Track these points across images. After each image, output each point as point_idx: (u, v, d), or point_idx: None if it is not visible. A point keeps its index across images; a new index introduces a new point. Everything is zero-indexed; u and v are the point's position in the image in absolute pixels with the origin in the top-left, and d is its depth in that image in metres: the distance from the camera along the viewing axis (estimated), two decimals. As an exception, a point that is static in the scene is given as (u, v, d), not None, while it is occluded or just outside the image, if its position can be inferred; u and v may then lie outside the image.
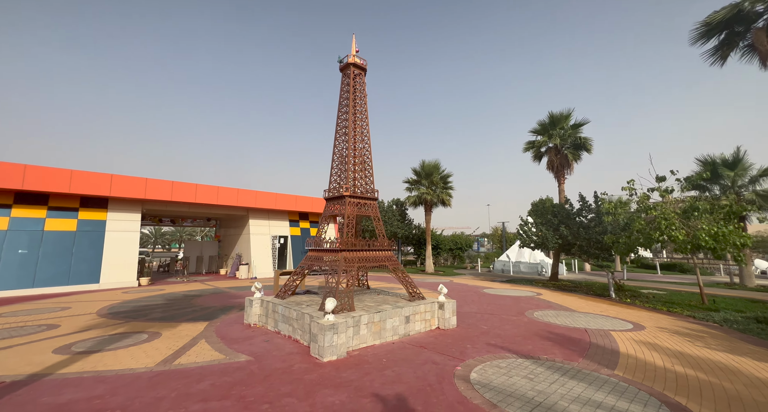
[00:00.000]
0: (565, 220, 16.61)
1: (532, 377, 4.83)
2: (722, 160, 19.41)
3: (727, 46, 12.08)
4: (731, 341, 7.03)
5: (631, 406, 3.99)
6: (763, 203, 18.16)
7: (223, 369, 5.17)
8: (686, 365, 5.45)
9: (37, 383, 4.70)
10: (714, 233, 10.96)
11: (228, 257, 24.46)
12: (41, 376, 4.93)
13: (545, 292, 14.56)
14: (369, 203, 8.42)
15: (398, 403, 4.05)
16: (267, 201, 21.56)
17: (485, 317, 8.96)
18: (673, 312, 10.29)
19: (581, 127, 19.52)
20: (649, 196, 13.20)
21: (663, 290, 15.76)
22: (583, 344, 6.57)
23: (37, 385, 4.62)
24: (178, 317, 9.09)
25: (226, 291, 14.11)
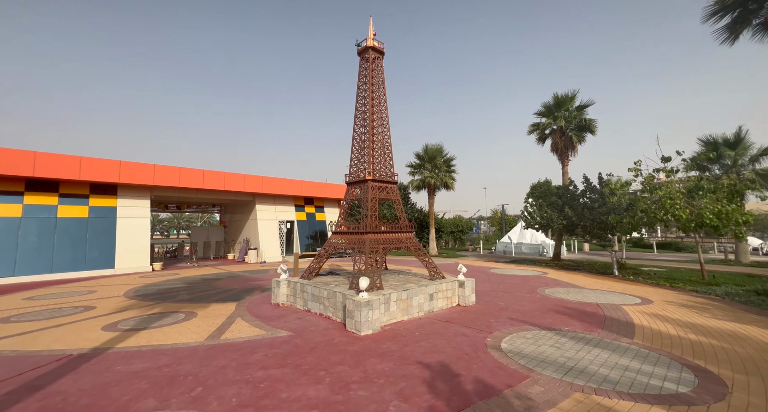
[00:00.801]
0: (569, 201, 16.96)
1: (559, 346, 5.23)
2: (724, 140, 19.66)
3: (740, 23, 12.06)
4: (735, 312, 7.50)
5: (655, 369, 4.39)
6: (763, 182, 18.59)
7: (269, 343, 5.53)
8: (698, 334, 5.89)
9: (103, 355, 5.03)
10: (717, 212, 11.34)
11: (235, 242, 24.75)
12: (103, 349, 5.26)
13: (550, 271, 15.07)
14: (390, 187, 8.64)
15: (442, 369, 4.43)
16: (273, 186, 21.64)
17: (500, 295, 9.39)
18: (676, 287, 10.79)
19: (586, 108, 19.57)
20: (654, 176, 13.52)
21: (662, 267, 16.34)
22: (599, 317, 7.00)
23: (103, 357, 4.95)
24: (205, 298, 9.43)
25: (241, 275, 14.46)
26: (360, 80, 8.92)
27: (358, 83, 8.95)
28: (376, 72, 8.80)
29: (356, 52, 9.09)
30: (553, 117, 19.74)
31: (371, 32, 8.94)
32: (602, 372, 4.26)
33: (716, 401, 3.58)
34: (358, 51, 9.03)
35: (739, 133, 19.38)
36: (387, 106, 8.88)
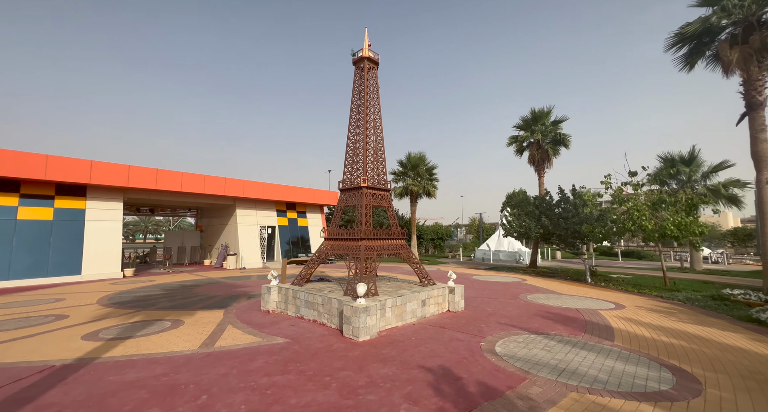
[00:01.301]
0: (546, 211, 17.83)
1: (549, 349, 5.54)
2: (680, 158, 21.40)
3: (696, 54, 13.35)
4: (697, 316, 8.21)
5: (637, 369, 4.77)
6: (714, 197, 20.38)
7: (267, 350, 5.46)
8: (669, 336, 6.41)
9: (90, 365, 4.77)
10: (678, 223, 12.38)
11: (212, 247, 23.90)
12: (89, 359, 4.99)
13: (528, 278, 15.71)
14: (383, 194, 8.79)
15: (444, 372, 4.58)
16: (254, 191, 21.20)
17: (486, 301, 9.72)
18: (643, 293, 11.59)
19: (561, 123, 20.75)
20: (623, 189, 14.58)
21: (628, 274, 17.46)
22: (580, 321, 7.44)
23: (91, 367, 4.70)
24: (189, 305, 9.09)
25: (222, 281, 14.02)
26: (354, 89, 9.09)
27: (352, 92, 9.12)
28: (370, 81, 9.01)
29: (351, 61, 9.27)
30: (530, 131, 20.78)
31: (366, 43, 9.16)
32: (592, 373, 4.58)
33: (694, 397, 3.96)
34: (353, 60, 9.21)
35: (692, 152, 21.18)
36: (381, 115, 9.09)
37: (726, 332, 6.79)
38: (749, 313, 8.33)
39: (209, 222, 25.09)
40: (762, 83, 11.63)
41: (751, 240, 39.78)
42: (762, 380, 4.47)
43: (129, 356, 5.16)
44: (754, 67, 11.62)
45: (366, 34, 9.17)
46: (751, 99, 11.75)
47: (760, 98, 11.60)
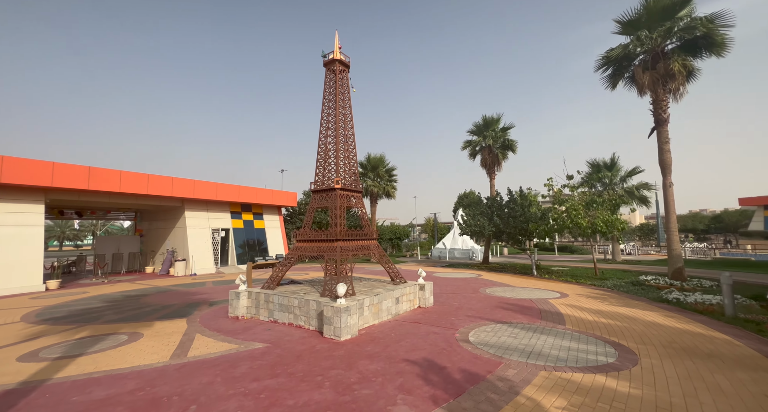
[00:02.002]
0: (497, 211, 19.29)
1: (515, 336, 6.17)
2: (604, 164, 24.56)
3: (617, 76, 15.51)
4: (623, 299, 9.62)
5: (588, 346, 5.55)
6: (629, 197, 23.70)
7: (248, 355, 5.32)
8: (606, 318, 7.48)
9: (42, 388, 4.25)
10: (606, 220, 14.29)
11: (155, 253, 21.85)
12: (38, 382, 4.44)
13: (483, 273, 16.89)
14: (355, 195, 8.93)
15: (428, 363, 4.90)
16: (206, 191, 19.86)
17: (451, 296, 10.33)
18: (579, 282, 13.17)
19: (509, 130, 22.60)
20: (562, 191, 16.42)
21: (565, 266, 19.59)
22: (535, 310, 8.31)
23: (44, 389, 4.20)
24: (142, 316, 8.35)
25: (173, 289, 12.98)
26: (326, 91, 9.10)
27: (323, 94, 9.12)
28: (341, 83, 9.09)
29: (322, 63, 9.26)
30: (482, 136, 22.31)
31: (337, 45, 9.23)
32: (554, 353, 5.24)
33: (633, 366, 4.75)
34: (324, 62, 9.21)
35: (613, 159, 24.42)
36: (352, 117, 9.22)
37: (646, 311, 8.10)
38: (660, 294, 9.99)
39: (151, 225, 22.88)
40: (666, 103, 13.88)
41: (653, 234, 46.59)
42: (677, 348, 5.49)
43: (88, 374, 4.69)
44: (660, 90, 13.82)
45: (336, 37, 9.24)
46: (658, 116, 13.98)
47: (665, 116, 13.85)
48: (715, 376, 4.40)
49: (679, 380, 4.28)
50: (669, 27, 13.29)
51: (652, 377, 4.39)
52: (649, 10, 13.58)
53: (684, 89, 13.59)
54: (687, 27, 13.10)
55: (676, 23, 13.26)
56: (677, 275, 12.53)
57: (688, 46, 13.38)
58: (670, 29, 13.31)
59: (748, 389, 4.01)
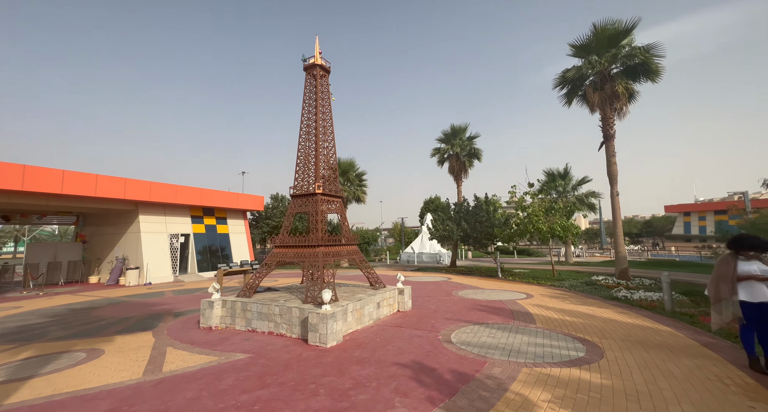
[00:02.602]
0: (465, 216, 20.11)
1: (493, 336, 6.51)
2: (558, 173, 26.65)
3: (572, 94, 17.01)
4: (581, 298, 10.50)
5: (559, 343, 6.02)
6: (580, 205, 25.88)
7: (231, 367, 5.08)
8: (569, 316, 8.13)
9: None
10: (563, 225, 15.51)
11: (101, 261, 19.89)
12: (-7, 411, 3.90)
13: (452, 276, 17.48)
14: (335, 200, 8.90)
15: (418, 366, 5.03)
16: (164, 194, 18.53)
17: (426, 299, 10.60)
18: (540, 284, 14.11)
19: (475, 139, 23.73)
20: (524, 198, 17.58)
21: (525, 268, 20.85)
22: (507, 311, 8.81)
23: None
24: (97, 331, 7.60)
25: (127, 301, 11.94)
26: (306, 95, 9.02)
27: (303, 98, 9.03)
28: (322, 88, 9.08)
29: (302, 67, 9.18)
30: (450, 144, 23.20)
31: (317, 50, 9.22)
32: (531, 350, 5.62)
33: (600, 358, 5.25)
34: (304, 66, 9.14)
35: (566, 169, 26.57)
36: (332, 122, 9.22)
37: (602, 308, 8.93)
38: (611, 293, 11.03)
39: (97, 231, 20.82)
40: (613, 121, 15.45)
41: (597, 237, 51.08)
42: (633, 340, 6.14)
43: (47, 397, 4.21)
44: (608, 108, 15.36)
45: (317, 42, 9.22)
46: (606, 132, 15.51)
47: (612, 132, 15.41)
48: (667, 364, 5.01)
49: (639, 370, 4.81)
50: (614, 53, 14.86)
51: (618, 367, 4.88)
52: (598, 37, 15.10)
53: (627, 109, 15.24)
54: (628, 54, 14.73)
55: (620, 51, 14.87)
56: (623, 275, 13.91)
57: (629, 71, 15.03)
58: (615, 55, 14.88)
59: (695, 374, 4.61)
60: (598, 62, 15.09)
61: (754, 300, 4.71)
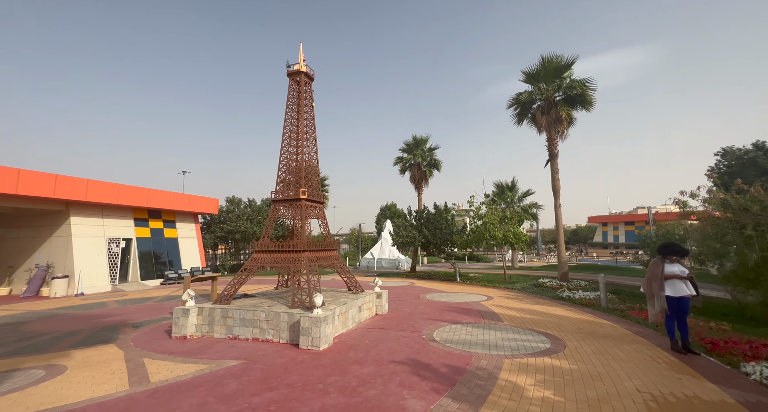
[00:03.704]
0: (426, 223, 21.10)
1: (470, 333, 7.14)
2: (506, 185, 29.19)
3: (523, 115, 19.03)
4: (534, 299, 11.77)
5: (528, 337, 6.83)
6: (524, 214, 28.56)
7: (227, 373, 4.97)
8: (528, 314, 9.15)
9: None
10: (515, 233, 17.13)
11: (14, 269, 17.08)
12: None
13: (415, 281, 18.18)
14: (317, 206, 8.99)
15: (413, 362, 5.41)
16: (104, 193, 16.66)
17: (399, 303, 11.03)
18: (496, 286, 15.39)
19: (435, 150, 25.08)
20: (481, 208, 19.04)
21: (479, 273, 22.42)
22: (475, 311, 9.59)
23: None
24: (44, 347, 6.73)
25: (62, 313, 10.59)
26: (289, 100, 9.05)
27: (287, 103, 9.05)
28: (306, 95, 9.18)
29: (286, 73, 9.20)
30: (413, 154, 24.24)
31: (301, 57, 9.32)
32: (507, 344, 6.32)
33: (563, 349, 6.11)
34: (288, 72, 9.17)
35: (513, 181, 29.20)
36: (315, 129, 9.34)
37: (552, 307, 10.16)
38: (556, 293, 12.52)
39: (7, 234, 17.88)
40: (556, 142, 17.57)
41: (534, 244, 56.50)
42: (584, 332, 7.20)
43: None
44: (553, 131, 17.45)
45: (301, 49, 9.33)
46: (551, 151, 17.57)
47: (556, 151, 17.50)
48: (614, 350, 6.02)
49: (595, 355, 5.73)
50: (558, 83, 17.01)
51: (579, 355, 5.76)
52: (545, 68, 17.18)
53: (567, 132, 17.46)
54: (569, 86, 16.96)
55: (563, 81, 17.06)
56: (564, 278, 15.77)
57: (569, 100, 17.28)
58: (559, 85, 17.04)
59: (635, 356, 5.64)
60: (546, 89, 17.12)
61: (676, 295, 5.92)
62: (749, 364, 5.01)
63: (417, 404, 3.96)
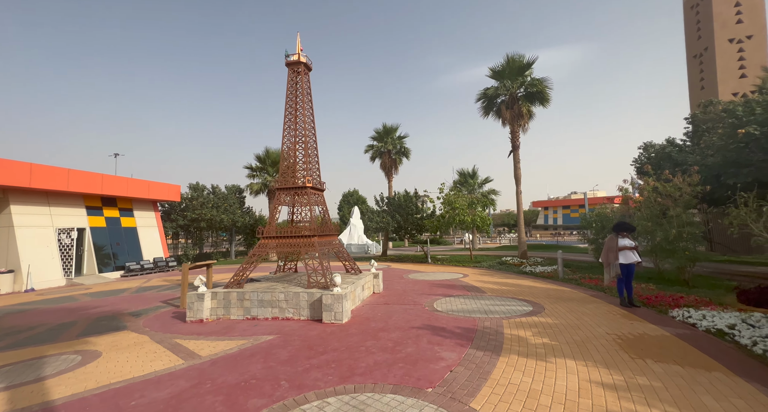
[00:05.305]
0: (398, 209, 22.11)
1: (465, 303, 8.27)
2: (468, 173, 31.25)
3: (489, 108, 20.58)
4: (503, 274, 13.41)
5: (512, 303, 8.14)
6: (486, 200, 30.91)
7: (271, 345, 5.45)
8: (505, 286, 10.59)
9: (64, 405, 3.50)
10: (481, 217, 18.85)
11: (-59, 263, 14.88)
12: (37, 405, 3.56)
13: (391, 264, 19.22)
14: (319, 194, 9.38)
15: (430, 327, 6.33)
16: (51, 179, 15.05)
17: (388, 282, 11.91)
18: (465, 266, 16.96)
19: (404, 139, 25.96)
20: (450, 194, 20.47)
21: (446, 255, 24.17)
22: (459, 286, 10.82)
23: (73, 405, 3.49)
24: (52, 338, 6.51)
25: (29, 309, 9.88)
26: (289, 90, 9.18)
27: (286, 93, 9.17)
28: (305, 85, 9.35)
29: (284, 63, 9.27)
30: (383, 142, 24.87)
31: (299, 47, 9.42)
32: (498, 309, 7.54)
33: (544, 310, 7.46)
34: (286, 62, 9.24)
35: (474, 169, 31.33)
36: (314, 117, 9.60)
37: (520, 280, 11.79)
38: (520, 269, 14.35)
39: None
40: (518, 135, 19.41)
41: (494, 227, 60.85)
42: (554, 297, 8.71)
43: (85, 393, 3.99)
44: (516, 124, 19.22)
45: (298, 39, 9.41)
46: (513, 143, 19.38)
47: (518, 143, 19.33)
48: (581, 308, 7.52)
49: (568, 313, 7.14)
50: (521, 81, 18.66)
51: (556, 313, 7.13)
52: (510, 66, 18.69)
53: (528, 126, 19.34)
54: (530, 83, 18.71)
55: (525, 79, 18.75)
56: (524, 255, 17.89)
57: (530, 96, 19.07)
58: (522, 82, 18.70)
59: (597, 311, 7.15)
60: (511, 86, 18.69)
61: (626, 262, 7.53)
62: (674, 310, 6.72)
63: (451, 355, 4.88)
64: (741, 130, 10.32)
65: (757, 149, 9.99)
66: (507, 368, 4.39)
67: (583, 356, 4.70)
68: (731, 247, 18.06)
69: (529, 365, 4.47)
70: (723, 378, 3.93)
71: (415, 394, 3.74)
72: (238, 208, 25.24)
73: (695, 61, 44.50)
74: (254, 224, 28.03)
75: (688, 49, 45.80)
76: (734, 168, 11.04)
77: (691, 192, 9.73)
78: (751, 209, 7.50)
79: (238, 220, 24.27)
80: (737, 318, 5.78)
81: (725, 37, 40.64)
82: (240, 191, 26.20)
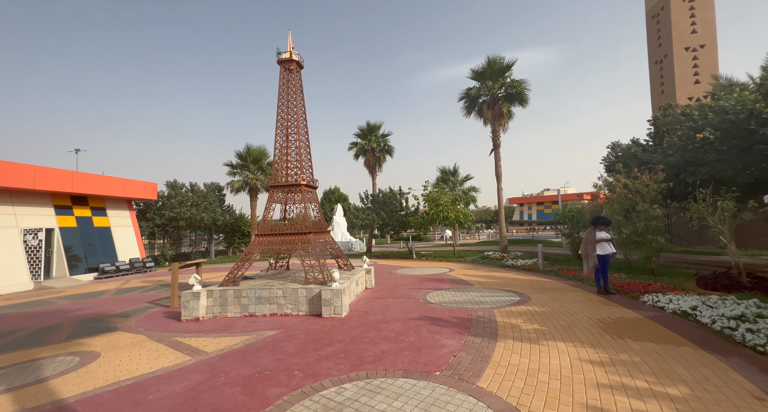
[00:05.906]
0: (382, 206, 22.37)
1: (456, 296, 8.65)
2: (449, 171, 31.97)
3: (471, 108, 21.18)
4: (486, 268, 13.99)
5: (500, 294, 8.60)
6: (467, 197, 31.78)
7: (275, 340, 5.55)
8: (490, 279, 11.10)
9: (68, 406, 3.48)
10: (464, 214, 19.45)
11: None
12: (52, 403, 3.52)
13: (377, 260, 19.47)
14: (312, 191, 9.45)
15: (428, 318, 6.63)
16: (16, 176, 14.14)
17: (378, 278, 12.14)
18: (449, 260, 17.53)
19: (388, 137, 26.21)
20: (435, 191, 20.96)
21: (429, 250, 24.71)
22: (447, 280, 11.23)
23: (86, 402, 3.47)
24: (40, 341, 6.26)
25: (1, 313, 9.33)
26: (281, 88, 9.16)
27: (279, 91, 9.15)
28: (297, 83, 9.37)
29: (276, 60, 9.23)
30: (367, 140, 24.99)
31: (290, 45, 9.42)
32: (488, 300, 7.97)
33: (530, 300, 7.96)
34: (278, 60, 9.21)
35: (455, 167, 32.10)
36: (306, 115, 9.63)
37: (504, 273, 12.38)
38: (502, 263, 15.02)
39: None
40: (499, 134, 20.14)
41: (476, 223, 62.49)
42: (538, 288, 9.27)
43: (103, 388, 3.98)
44: (497, 123, 19.93)
45: (290, 37, 9.40)
46: (494, 141, 20.08)
47: (499, 141, 20.06)
48: (562, 296, 8.08)
49: (553, 302, 7.67)
50: (502, 82, 19.36)
51: (542, 302, 7.65)
52: (491, 68, 19.34)
53: (508, 125, 20.10)
54: (509, 85, 19.44)
55: (505, 80, 19.46)
56: (505, 250, 18.66)
57: (510, 96, 19.81)
58: (502, 83, 19.40)
59: (578, 299, 7.74)
60: (492, 87, 19.34)
61: (603, 253, 8.16)
62: (644, 296, 7.40)
63: (451, 342, 5.20)
64: (699, 134, 11.34)
65: (711, 150, 11.01)
66: (505, 351, 4.75)
67: (570, 339, 5.15)
68: (687, 239, 19.73)
69: (524, 348, 4.86)
70: (690, 351, 4.48)
71: (425, 377, 4.01)
72: (219, 206, 24.59)
73: (656, 66, 47.63)
74: (235, 222, 27.41)
75: (650, 55, 48.93)
76: (692, 167, 12.11)
77: (657, 189, 10.61)
78: (708, 203, 8.35)
79: (218, 218, 23.66)
80: (698, 301, 6.48)
81: (682, 46, 43.77)
82: (220, 189, 25.53)
